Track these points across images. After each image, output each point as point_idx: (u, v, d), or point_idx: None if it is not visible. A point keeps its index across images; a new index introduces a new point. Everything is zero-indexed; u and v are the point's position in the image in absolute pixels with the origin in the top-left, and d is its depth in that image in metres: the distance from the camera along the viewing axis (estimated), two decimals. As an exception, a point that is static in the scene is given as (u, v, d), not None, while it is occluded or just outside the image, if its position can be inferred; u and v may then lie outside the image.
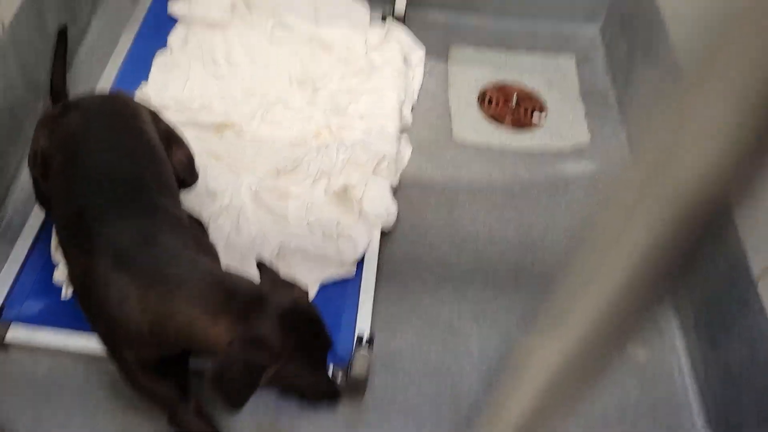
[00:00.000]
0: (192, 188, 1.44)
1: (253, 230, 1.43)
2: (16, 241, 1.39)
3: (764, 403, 1.14)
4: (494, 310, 1.42)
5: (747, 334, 1.21)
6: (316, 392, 1.09)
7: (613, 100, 1.87)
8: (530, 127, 1.80)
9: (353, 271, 1.40)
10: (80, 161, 1.16)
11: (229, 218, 1.44)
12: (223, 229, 1.42)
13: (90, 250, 1.04)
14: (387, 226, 1.49)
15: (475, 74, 1.91)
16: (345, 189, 1.49)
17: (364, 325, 1.32)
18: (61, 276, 1.33)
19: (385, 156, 1.56)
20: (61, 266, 1.34)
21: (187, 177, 1.41)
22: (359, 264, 1.42)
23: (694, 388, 1.34)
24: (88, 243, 1.05)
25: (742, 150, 0.20)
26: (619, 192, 0.24)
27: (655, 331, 1.43)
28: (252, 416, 1.22)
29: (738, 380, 1.22)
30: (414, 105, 1.79)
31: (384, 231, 1.48)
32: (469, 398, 1.30)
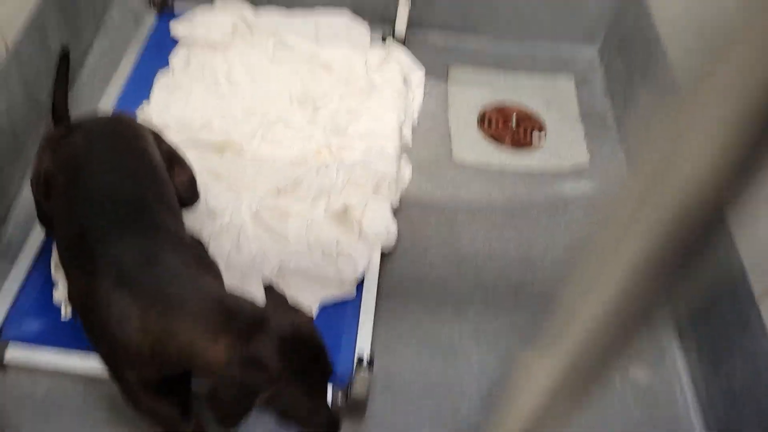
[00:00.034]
0: (193, 208, 1.45)
1: (253, 249, 1.43)
2: (15, 260, 1.39)
3: (766, 423, 1.14)
4: (495, 330, 1.42)
5: (749, 354, 1.21)
6: (314, 421, 1.04)
7: (611, 120, 1.88)
8: (530, 147, 1.81)
9: (353, 291, 1.40)
10: (82, 182, 1.16)
11: (229, 237, 1.45)
12: (223, 248, 1.42)
13: (92, 271, 1.04)
14: (387, 246, 1.49)
15: (475, 95, 1.92)
16: (345, 209, 1.49)
17: (364, 345, 1.32)
18: (61, 296, 1.32)
19: (385, 176, 1.56)
20: (60, 286, 1.34)
21: (189, 197, 1.42)
22: (359, 284, 1.41)
23: (697, 409, 1.33)
24: (90, 263, 1.05)
25: (736, 162, 0.20)
26: (617, 206, 0.24)
27: (657, 352, 1.42)
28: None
29: (740, 400, 1.22)
30: (414, 125, 1.80)
31: (384, 251, 1.48)
32: (469, 418, 1.29)
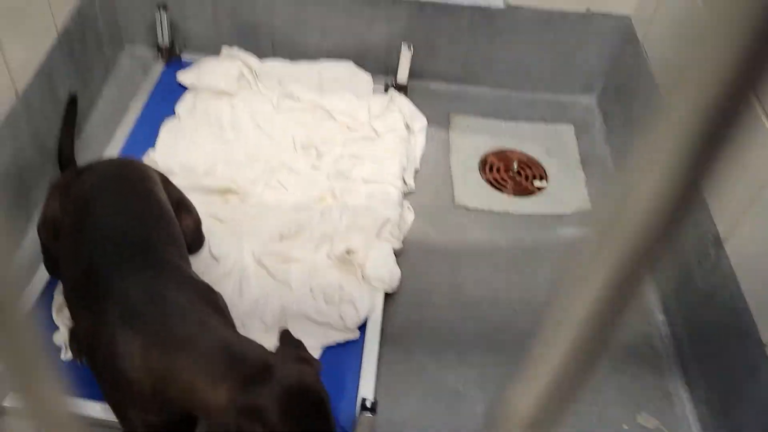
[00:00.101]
0: (197, 254, 1.45)
1: (255, 294, 1.43)
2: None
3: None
4: (500, 376, 1.40)
5: (758, 401, 1.19)
6: None
7: (612, 167, 1.90)
8: (531, 193, 1.82)
9: (357, 335, 1.39)
10: (90, 222, 1.17)
11: (232, 282, 1.44)
12: (225, 293, 1.41)
13: (98, 310, 1.04)
14: (390, 290, 1.49)
15: (476, 141, 1.95)
16: (348, 253, 1.49)
17: (367, 390, 1.30)
18: (62, 338, 1.31)
19: (388, 220, 1.57)
20: (62, 329, 1.33)
21: (194, 243, 1.43)
22: (362, 327, 1.40)
23: (707, 458, 1.30)
24: (95, 303, 1.05)
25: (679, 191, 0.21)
26: (582, 245, 0.25)
27: (665, 400, 1.40)
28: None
29: (751, 449, 1.19)
30: (416, 171, 1.82)
31: (388, 293, 1.48)
32: (475, 467, 1.26)
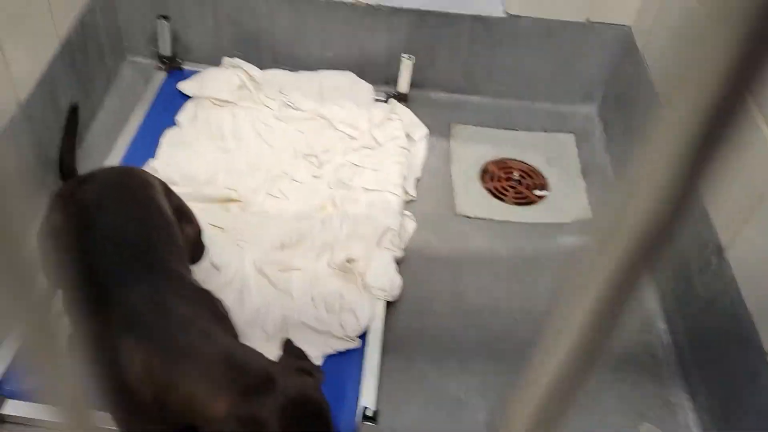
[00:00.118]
0: (198, 263, 1.45)
1: (256, 303, 1.42)
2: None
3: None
4: (501, 384, 1.39)
5: (760, 408, 1.19)
6: None
7: (612, 176, 1.90)
8: (532, 202, 1.82)
9: (358, 343, 1.38)
10: (91, 230, 1.17)
11: (233, 291, 1.44)
12: (226, 303, 1.41)
13: (100, 319, 1.03)
14: (391, 299, 1.48)
15: (477, 151, 1.95)
16: (348, 261, 1.49)
17: (368, 398, 1.29)
18: (62, 348, 1.31)
19: (389, 228, 1.57)
20: (61, 338, 1.32)
21: (195, 252, 1.42)
22: (363, 336, 1.40)
23: (710, 467, 1.29)
24: (97, 311, 1.04)
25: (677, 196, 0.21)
26: (581, 252, 0.25)
27: (668, 410, 1.39)
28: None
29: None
30: (417, 180, 1.82)
31: (389, 301, 1.47)
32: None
